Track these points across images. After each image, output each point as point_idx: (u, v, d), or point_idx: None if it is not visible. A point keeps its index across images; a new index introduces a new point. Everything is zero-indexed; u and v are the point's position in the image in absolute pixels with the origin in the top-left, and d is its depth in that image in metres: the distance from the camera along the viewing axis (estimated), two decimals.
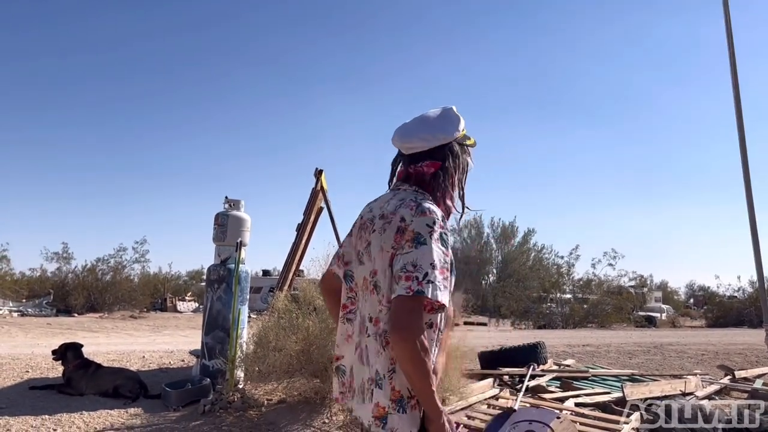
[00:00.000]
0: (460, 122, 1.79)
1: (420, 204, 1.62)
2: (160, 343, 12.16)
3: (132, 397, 6.16)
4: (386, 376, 1.57)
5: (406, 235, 1.57)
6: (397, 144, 1.80)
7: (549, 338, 13.23)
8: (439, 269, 1.52)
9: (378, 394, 1.58)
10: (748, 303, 30.00)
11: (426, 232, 1.56)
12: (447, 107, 1.81)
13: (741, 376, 8.38)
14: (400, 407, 1.55)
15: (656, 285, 45.76)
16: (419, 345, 1.46)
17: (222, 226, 6.89)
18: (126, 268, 27.45)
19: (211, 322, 6.71)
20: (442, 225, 1.61)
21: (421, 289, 1.48)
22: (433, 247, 1.54)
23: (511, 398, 5.65)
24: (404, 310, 1.49)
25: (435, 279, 1.50)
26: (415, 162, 1.77)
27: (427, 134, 1.74)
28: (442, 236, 1.59)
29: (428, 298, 1.49)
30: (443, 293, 1.51)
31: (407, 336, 1.46)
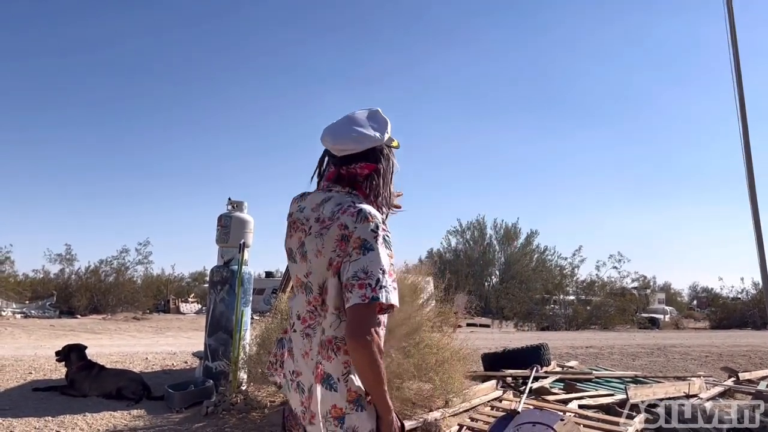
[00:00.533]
0: (388, 125, 1.81)
1: (361, 210, 1.65)
2: (163, 345, 12.18)
3: (135, 399, 6.16)
4: (341, 379, 1.63)
5: (353, 243, 1.61)
6: (329, 145, 1.80)
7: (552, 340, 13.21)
8: (388, 272, 1.58)
9: (333, 397, 1.63)
10: (752, 304, 29.91)
11: (372, 238, 1.60)
12: (374, 109, 1.83)
13: (745, 378, 8.35)
14: (358, 406, 1.62)
15: (659, 286, 45.65)
16: (377, 350, 1.53)
17: (225, 228, 6.89)
18: (129, 270, 27.60)
19: (214, 324, 6.72)
20: (384, 228, 1.65)
21: (375, 296, 1.53)
22: (380, 251, 1.59)
23: (515, 400, 5.64)
24: (362, 318, 1.54)
25: (387, 283, 1.56)
26: (347, 163, 1.78)
27: (360, 136, 1.74)
28: (386, 239, 1.63)
29: (383, 303, 1.55)
30: (394, 295, 1.58)
31: (366, 344, 1.51)
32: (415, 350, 5.58)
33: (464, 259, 40.55)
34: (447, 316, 6.34)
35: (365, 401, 1.63)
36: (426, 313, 6.10)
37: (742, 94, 3.83)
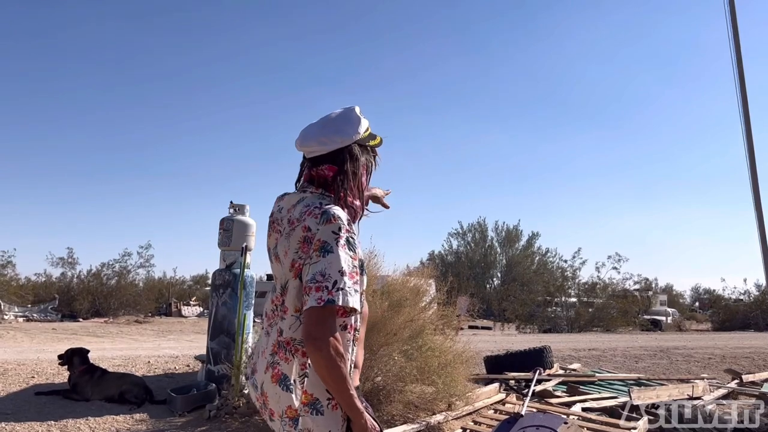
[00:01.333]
0: (360, 123, 1.79)
1: (325, 211, 1.65)
2: (165, 348, 12.17)
3: (137, 403, 6.15)
4: (297, 381, 1.63)
5: (314, 245, 1.61)
6: (298, 147, 1.82)
7: (554, 342, 13.20)
8: (348, 274, 1.57)
9: (289, 398, 1.63)
10: (755, 306, 29.91)
11: (332, 240, 1.59)
12: (349, 108, 1.83)
13: (749, 380, 8.32)
14: (313, 409, 1.60)
15: (661, 288, 45.62)
16: (333, 352, 1.51)
17: (227, 231, 6.89)
18: (131, 273, 27.62)
19: (216, 327, 6.71)
20: (348, 229, 1.64)
21: (331, 299, 1.53)
22: (340, 253, 1.58)
23: (518, 403, 5.63)
24: (316, 321, 1.53)
25: (345, 285, 1.55)
26: (316, 165, 1.80)
27: (325, 138, 1.75)
28: (349, 240, 1.62)
29: (339, 306, 1.54)
30: (354, 297, 1.57)
31: (320, 346, 1.51)
32: (418, 353, 5.57)
33: (466, 261, 40.62)
34: (449, 319, 6.33)
35: (325, 405, 1.61)
36: (428, 316, 6.10)
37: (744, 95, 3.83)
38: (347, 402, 1.56)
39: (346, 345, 1.64)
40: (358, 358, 1.82)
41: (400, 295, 5.76)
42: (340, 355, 1.53)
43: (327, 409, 1.61)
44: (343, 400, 1.57)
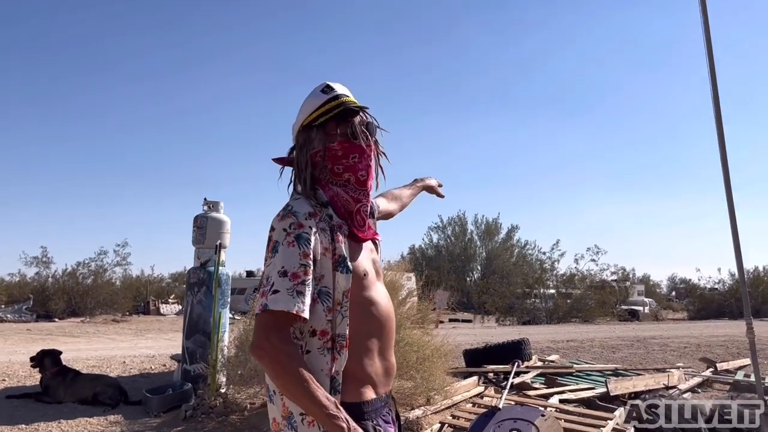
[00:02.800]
0: (307, 102, 1.66)
1: (287, 206, 1.54)
2: (143, 348, 12.02)
3: (112, 404, 6.06)
4: (276, 392, 1.51)
5: (269, 245, 1.50)
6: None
7: (533, 334, 13.30)
8: (290, 274, 1.42)
9: (273, 410, 1.55)
10: (729, 295, 30.43)
11: (282, 238, 1.47)
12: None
13: (723, 368, 8.45)
14: (288, 424, 1.48)
15: (638, 279, 46.19)
16: (277, 360, 1.38)
17: (201, 229, 6.79)
18: (107, 272, 27.24)
19: (191, 326, 6.62)
20: (302, 224, 1.48)
21: (266, 303, 1.40)
22: (284, 252, 1.45)
23: (496, 396, 5.63)
24: (257, 328, 1.42)
25: (282, 287, 1.41)
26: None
27: (293, 126, 1.69)
28: (301, 236, 1.47)
29: (277, 311, 1.39)
30: (295, 300, 1.40)
31: (259, 354, 1.40)
32: (396, 348, 5.53)
33: (446, 254, 40.72)
34: (425, 313, 6.32)
35: (299, 420, 1.46)
36: (406, 311, 6.08)
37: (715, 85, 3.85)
38: (315, 415, 1.39)
39: (317, 353, 1.48)
40: (369, 368, 1.58)
41: None
42: (283, 363, 1.38)
43: (301, 425, 1.45)
44: (309, 413, 1.41)
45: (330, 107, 1.64)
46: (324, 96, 1.65)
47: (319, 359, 1.48)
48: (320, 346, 1.49)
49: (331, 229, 1.56)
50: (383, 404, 1.60)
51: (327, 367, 1.48)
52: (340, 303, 1.52)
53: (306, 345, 1.49)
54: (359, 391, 1.53)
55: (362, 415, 1.49)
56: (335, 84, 1.70)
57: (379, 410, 1.57)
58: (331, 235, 1.55)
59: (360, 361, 1.55)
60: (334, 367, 1.49)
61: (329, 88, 1.67)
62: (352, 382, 1.52)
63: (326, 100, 1.65)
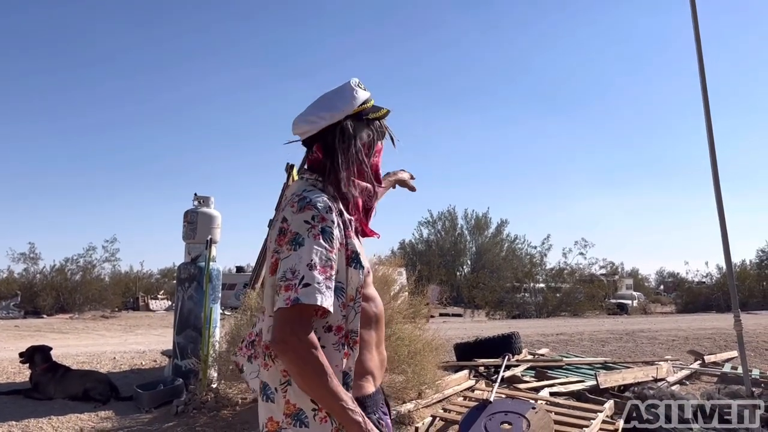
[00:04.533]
0: (354, 95, 1.65)
1: (303, 198, 1.50)
2: (132, 344, 11.97)
3: (102, 400, 6.04)
4: (278, 389, 1.48)
5: (287, 237, 1.46)
6: (293, 131, 1.69)
7: (523, 328, 13.34)
8: (319, 269, 1.40)
9: (270, 408, 1.50)
10: (716, 288, 30.69)
11: (305, 230, 1.44)
12: (347, 81, 1.69)
13: (710, 360, 8.55)
14: (296, 420, 1.45)
15: (627, 272, 46.48)
16: (303, 356, 1.37)
17: (191, 224, 6.78)
18: (96, 268, 27.21)
19: (182, 322, 6.61)
20: (325, 217, 1.46)
21: (297, 297, 1.37)
22: (311, 245, 1.42)
23: (487, 389, 5.67)
24: (282, 322, 1.39)
25: (313, 281, 1.38)
26: (310, 148, 1.67)
27: (313, 116, 1.63)
28: (325, 230, 1.45)
29: (305, 305, 1.37)
30: (324, 295, 1.39)
31: (285, 349, 1.38)
32: (387, 343, 5.53)
33: (436, 249, 40.83)
34: (419, 307, 6.34)
35: (311, 416, 1.44)
36: (398, 305, 6.09)
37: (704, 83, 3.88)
38: (336, 410, 1.38)
39: (331, 348, 1.47)
40: (369, 363, 1.60)
41: None
42: (308, 359, 1.37)
43: (313, 421, 1.44)
44: (329, 407, 1.40)
45: (378, 107, 1.72)
46: (366, 92, 1.70)
47: (334, 355, 1.46)
48: (335, 342, 1.48)
49: (344, 223, 1.54)
50: (380, 395, 1.63)
51: (341, 362, 1.47)
52: (353, 299, 1.52)
53: (321, 340, 1.46)
54: (362, 386, 1.54)
55: (365, 409, 1.48)
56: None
57: (378, 403, 1.59)
58: (344, 230, 1.53)
59: (362, 355, 1.56)
60: (346, 362, 1.49)
61: (362, 85, 1.71)
62: (356, 377, 1.52)
63: (371, 97, 1.71)
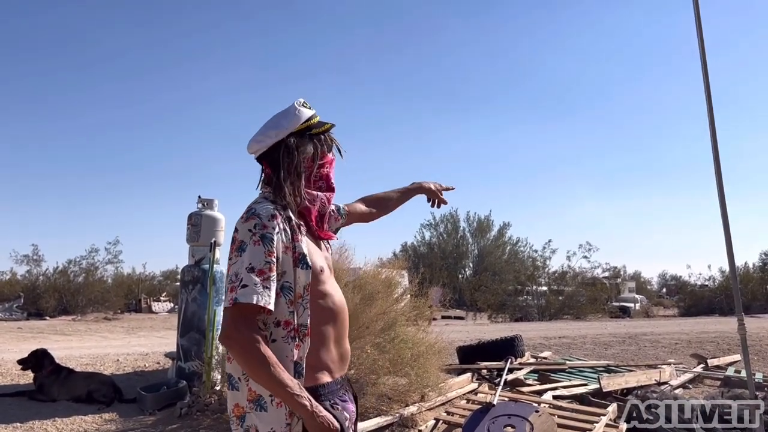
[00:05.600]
0: (296, 114, 1.81)
1: (250, 209, 1.68)
2: (135, 346, 11.99)
3: (106, 402, 6.05)
4: (242, 378, 1.64)
5: (235, 245, 1.64)
6: (248, 150, 1.85)
7: (525, 331, 13.35)
8: (257, 271, 1.57)
9: (236, 396, 1.66)
10: (719, 291, 30.63)
11: (248, 238, 1.61)
12: (292, 102, 1.86)
13: (714, 364, 8.54)
14: (257, 406, 1.61)
15: (629, 275, 46.39)
16: (246, 348, 1.53)
17: (195, 227, 6.79)
18: (99, 270, 27.19)
19: (186, 324, 6.62)
20: (266, 225, 1.63)
21: (236, 297, 1.54)
22: (251, 250, 1.59)
23: (490, 392, 5.67)
24: (227, 320, 1.56)
25: (250, 282, 1.55)
26: (263, 165, 1.85)
27: (261, 135, 1.80)
28: (265, 236, 1.61)
29: (244, 304, 1.53)
30: (261, 294, 1.55)
31: (229, 344, 1.56)
32: (391, 345, 5.57)
33: (438, 252, 40.81)
34: (422, 310, 6.34)
35: (269, 401, 1.60)
36: (401, 308, 6.10)
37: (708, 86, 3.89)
38: (286, 399, 1.54)
39: (282, 342, 1.63)
40: (325, 355, 1.74)
41: (372, 287, 5.75)
42: (251, 351, 1.52)
43: (271, 406, 1.60)
44: (275, 394, 1.56)
45: (322, 122, 1.87)
46: (310, 110, 1.88)
47: (284, 347, 1.63)
48: (284, 335, 1.64)
49: (291, 229, 1.71)
50: (339, 387, 1.76)
51: (291, 353, 1.63)
52: (301, 296, 1.68)
53: (272, 335, 1.64)
54: (315, 376, 1.68)
55: (318, 398, 1.63)
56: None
57: (335, 392, 1.73)
58: (291, 234, 1.69)
59: (316, 349, 1.71)
60: (297, 353, 1.64)
61: (307, 104, 1.88)
62: (309, 369, 1.67)
63: (315, 114, 1.86)
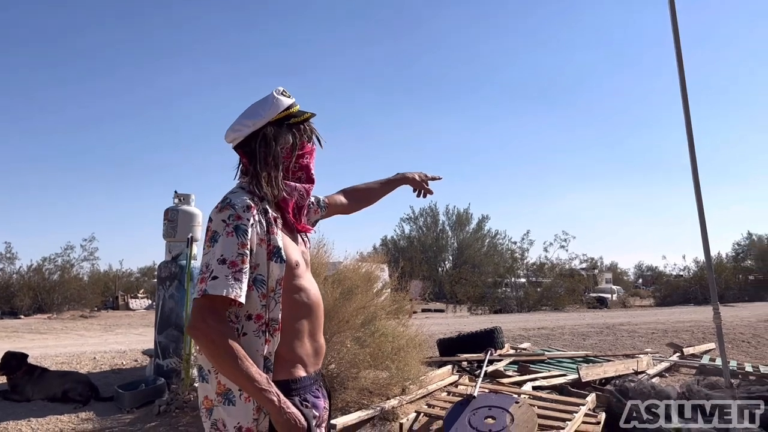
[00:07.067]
0: (275, 102, 1.76)
1: (225, 199, 1.64)
2: (113, 343, 11.83)
3: (82, 401, 5.96)
4: (211, 371, 1.61)
5: (208, 235, 1.60)
6: (225, 140, 1.81)
7: (505, 322, 13.44)
8: (228, 263, 1.54)
9: (205, 388, 1.63)
10: (693, 281, 31.19)
11: (221, 229, 1.58)
12: (271, 91, 1.81)
13: (689, 352, 8.68)
14: (226, 399, 1.58)
15: (606, 267, 47.00)
16: (213, 340, 1.50)
17: (172, 222, 6.70)
18: (74, 267, 26.82)
19: (164, 321, 6.54)
20: (240, 216, 1.59)
21: (205, 288, 1.51)
22: (224, 241, 1.56)
23: (471, 384, 5.69)
24: (195, 311, 1.53)
25: (221, 274, 1.52)
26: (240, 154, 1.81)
27: (238, 125, 1.76)
28: (239, 228, 1.58)
29: (213, 295, 1.51)
30: (231, 286, 1.52)
31: (196, 335, 1.52)
32: (371, 339, 5.56)
33: (418, 245, 40.91)
34: (402, 303, 6.34)
35: (237, 395, 1.57)
36: (381, 302, 6.09)
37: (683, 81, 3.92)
38: (248, 390, 1.52)
39: (252, 335, 1.59)
40: (299, 350, 1.70)
41: (352, 282, 5.73)
42: (219, 343, 1.49)
43: (239, 400, 1.57)
44: (243, 388, 1.53)
45: (302, 111, 1.82)
46: (290, 99, 1.81)
47: (254, 341, 1.60)
48: (255, 329, 1.61)
49: (267, 221, 1.67)
50: (312, 381, 1.72)
51: (262, 348, 1.60)
52: (273, 290, 1.64)
53: (243, 328, 1.61)
54: (289, 371, 1.65)
55: (290, 392, 1.60)
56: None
57: (308, 387, 1.69)
58: (267, 227, 1.66)
59: (290, 343, 1.68)
60: (267, 348, 1.61)
61: (286, 93, 1.83)
62: (283, 362, 1.64)
63: (294, 104, 1.81)
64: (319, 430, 1.71)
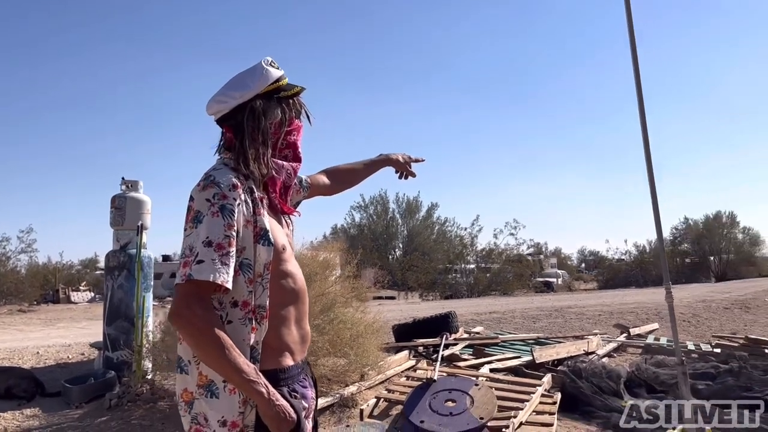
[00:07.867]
0: (264, 74, 1.65)
1: (208, 176, 1.52)
2: (56, 337, 11.39)
3: (27, 397, 5.71)
4: (192, 362, 1.52)
5: (190, 215, 1.49)
6: (207, 111, 1.69)
7: (456, 307, 13.55)
8: (215, 245, 1.43)
9: (185, 380, 1.53)
10: (634, 265, 32.36)
11: (206, 209, 1.46)
12: (259, 61, 1.70)
13: (635, 333, 8.98)
14: (208, 392, 1.49)
15: (551, 252, 48.18)
16: (198, 328, 1.40)
17: (119, 210, 6.47)
18: (11, 260, 25.83)
19: (113, 312, 6.32)
20: (226, 195, 1.48)
21: (190, 273, 1.41)
22: (209, 222, 1.45)
23: (429, 368, 5.73)
24: (178, 297, 1.42)
25: (207, 257, 1.42)
26: (223, 127, 1.69)
27: (223, 96, 1.64)
28: (225, 207, 1.47)
29: (199, 280, 1.40)
30: (219, 271, 1.42)
31: (180, 322, 1.42)
32: (330, 326, 5.52)
33: (368, 233, 40.91)
34: (359, 291, 6.32)
35: (221, 387, 1.48)
36: (339, 290, 6.05)
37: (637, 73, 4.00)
38: (234, 382, 1.42)
39: (238, 323, 1.50)
40: (287, 337, 1.62)
41: (310, 269, 5.66)
42: (204, 331, 1.39)
43: (223, 392, 1.47)
44: (228, 379, 1.44)
45: (292, 85, 1.72)
46: (279, 71, 1.70)
47: (240, 329, 1.50)
48: (242, 317, 1.51)
49: (253, 201, 1.57)
50: (300, 370, 1.65)
51: (248, 336, 1.50)
52: (260, 275, 1.54)
53: (228, 315, 1.50)
54: (277, 359, 1.57)
55: (278, 382, 1.53)
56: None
57: (296, 376, 1.62)
58: (253, 207, 1.56)
59: (278, 330, 1.59)
60: (254, 337, 1.52)
61: (275, 64, 1.71)
62: (270, 351, 1.55)
63: (284, 76, 1.70)
64: (308, 421, 1.63)
